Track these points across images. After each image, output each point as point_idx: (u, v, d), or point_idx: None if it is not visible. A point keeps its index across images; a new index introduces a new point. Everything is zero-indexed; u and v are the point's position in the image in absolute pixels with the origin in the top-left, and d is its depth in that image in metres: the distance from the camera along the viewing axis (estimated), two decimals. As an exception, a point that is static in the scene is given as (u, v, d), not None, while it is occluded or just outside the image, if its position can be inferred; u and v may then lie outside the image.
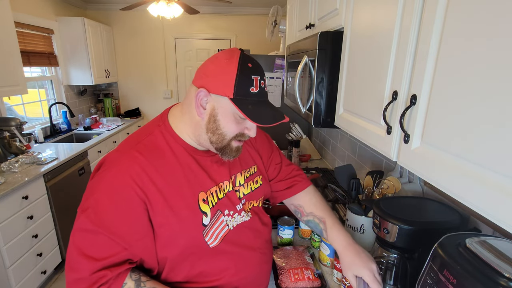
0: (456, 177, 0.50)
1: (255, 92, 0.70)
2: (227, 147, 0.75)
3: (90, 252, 0.65)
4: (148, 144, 0.73)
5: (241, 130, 0.74)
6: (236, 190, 0.84)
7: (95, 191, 0.68)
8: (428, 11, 0.57)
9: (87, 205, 0.67)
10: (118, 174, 0.68)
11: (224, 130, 0.72)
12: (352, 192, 1.16)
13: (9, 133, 2.26)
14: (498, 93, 0.42)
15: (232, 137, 0.74)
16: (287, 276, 0.95)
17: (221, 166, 0.81)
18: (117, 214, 0.67)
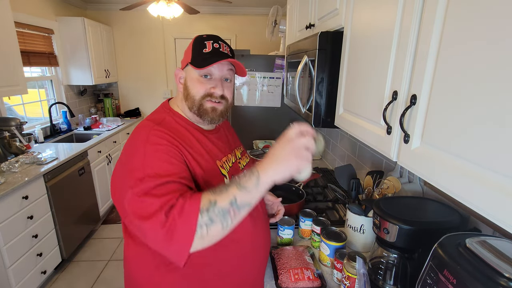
0: (456, 177, 0.50)
1: (207, 51, 0.82)
2: (201, 108, 0.85)
3: (154, 191, 0.67)
4: (166, 124, 0.83)
5: (207, 90, 0.84)
6: (238, 162, 0.98)
7: (141, 164, 0.71)
8: (428, 11, 0.57)
9: (141, 175, 0.70)
10: (154, 141, 0.75)
11: (192, 92, 0.84)
12: (352, 192, 1.16)
13: (9, 133, 2.25)
14: (498, 93, 0.42)
15: (201, 96, 0.84)
16: (287, 276, 0.95)
17: (223, 142, 0.95)
18: (170, 163, 0.73)
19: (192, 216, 0.63)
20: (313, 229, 1.17)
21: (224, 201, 0.64)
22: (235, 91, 2.49)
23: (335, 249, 1.01)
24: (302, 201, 1.36)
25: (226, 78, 0.87)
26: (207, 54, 0.82)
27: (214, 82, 0.84)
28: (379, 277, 0.88)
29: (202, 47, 0.83)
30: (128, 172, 0.74)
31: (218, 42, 0.84)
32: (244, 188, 0.65)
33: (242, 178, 0.66)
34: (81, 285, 2.24)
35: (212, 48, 0.82)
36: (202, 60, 0.81)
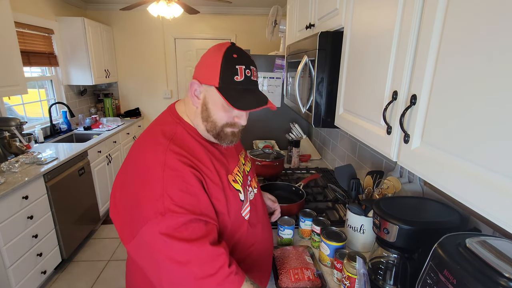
0: (456, 177, 0.50)
1: (239, 80, 0.74)
2: (220, 133, 0.79)
3: (196, 235, 0.66)
4: (178, 139, 0.77)
5: (230, 119, 0.78)
6: (244, 169, 0.95)
7: (163, 191, 0.67)
8: (428, 11, 0.57)
9: (162, 207, 0.65)
10: (175, 166, 0.70)
11: (214, 118, 0.77)
12: (352, 192, 1.16)
13: (9, 133, 2.25)
14: (498, 93, 0.42)
15: (223, 124, 0.78)
16: (287, 276, 0.95)
17: (230, 151, 0.90)
18: (195, 197, 0.69)
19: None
20: (313, 229, 1.17)
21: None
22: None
23: (335, 249, 1.01)
24: (302, 201, 1.36)
25: None
26: (239, 84, 0.73)
27: (239, 112, 0.78)
28: (379, 277, 0.88)
29: (233, 72, 0.73)
30: (143, 199, 0.68)
31: (250, 68, 0.75)
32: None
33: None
34: (81, 285, 2.24)
35: (244, 77, 0.74)
36: (235, 93, 0.73)
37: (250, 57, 0.79)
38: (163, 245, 0.65)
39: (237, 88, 0.74)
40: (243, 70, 0.74)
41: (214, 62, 0.74)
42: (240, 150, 1.02)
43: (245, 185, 0.89)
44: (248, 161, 1.02)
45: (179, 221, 0.65)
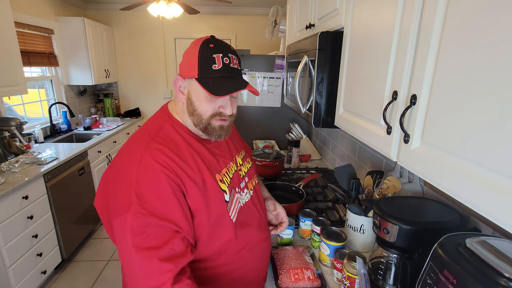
0: (456, 177, 0.50)
1: (217, 68, 0.74)
2: (208, 126, 0.79)
3: (149, 243, 0.67)
4: (163, 136, 0.78)
5: (215, 109, 0.78)
6: (239, 170, 0.93)
7: (131, 188, 0.69)
8: (428, 11, 0.57)
9: (129, 202, 0.68)
10: (149, 166, 0.71)
11: (199, 110, 0.78)
12: (352, 192, 1.16)
13: (9, 133, 2.25)
14: (498, 93, 0.42)
15: (209, 116, 0.78)
16: (287, 276, 0.95)
17: (223, 150, 0.90)
18: (161, 200, 0.70)
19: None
20: (313, 229, 1.17)
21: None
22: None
23: (335, 249, 1.01)
24: (302, 201, 1.36)
25: (234, 96, 0.81)
26: (217, 72, 0.74)
27: (223, 101, 0.78)
28: (379, 277, 0.88)
29: (211, 62, 0.74)
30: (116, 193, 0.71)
31: (228, 56, 0.76)
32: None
33: None
34: (81, 285, 2.24)
35: (222, 65, 0.74)
36: (213, 81, 0.73)
37: (230, 46, 0.79)
38: (121, 244, 0.69)
39: (215, 76, 0.74)
40: (221, 58, 0.75)
41: (192, 55, 0.76)
42: (240, 150, 1.00)
43: (235, 186, 0.86)
44: (247, 162, 1.00)
45: (140, 223, 0.67)
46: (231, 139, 1.00)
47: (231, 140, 0.98)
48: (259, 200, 0.98)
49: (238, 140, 1.06)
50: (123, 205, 0.69)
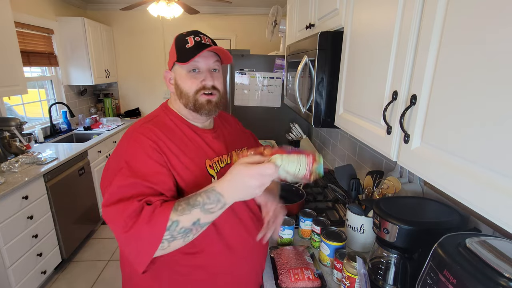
0: (456, 177, 0.50)
1: (190, 46, 0.83)
2: (196, 103, 0.85)
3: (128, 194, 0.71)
4: (157, 121, 0.86)
5: (198, 84, 0.85)
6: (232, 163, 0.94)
7: (122, 156, 0.77)
8: (428, 11, 0.57)
9: (119, 168, 0.75)
10: (137, 138, 0.79)
11: (185, 90, 0.85)
12: (352, 192, 1.16)
13: (9, 133, 2.25)
14: (498, 93, 0.42)
15: (194, 92, 0.85)
16: (287, 276, 0.95)
17: (220, 142, 0.93)
18: (146, 166, 0.75)
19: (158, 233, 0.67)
20: (313, 229, 1.17)
21: (187, 222, 0.68)
22: (235, 91, 2.48)
23: (335, 249, 1.01)
24: (302, 201, 1.36)
25: (214, 69, 0.87)
26: (191, 48, 0.82)
27: (203, 75, 0.85)
28: (379, 277, 0.88)
29: (184, 43, 0.83)
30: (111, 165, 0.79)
31: (199, 36, 0.85)
32: (209, 211, 0.69)
33: (206, 201, 0.69)
34: (81, 285, 2.24)
35: (194, 42, 0.83)
36: (187, 55, 0.82)
37: (201, 32, 0.87)
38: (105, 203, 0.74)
39: (189, 51, 0.82)
40: (192, 38, 0.84)
41: (172, 47, 0.87)
42: (238, 147, 1.00)
43: None
44: None
45: (126, 181, 0.72)
46: (232, 136, 1.01)
47: (231, 136, 1.01)
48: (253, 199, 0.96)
49: (242, 138, 1.07)
50: (115, 170, 0.76)
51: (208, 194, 0.70)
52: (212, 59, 0.86)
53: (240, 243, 0.88)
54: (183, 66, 0.84)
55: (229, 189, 0.69)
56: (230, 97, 2.51)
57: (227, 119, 1.08)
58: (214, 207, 0.69)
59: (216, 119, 1.00)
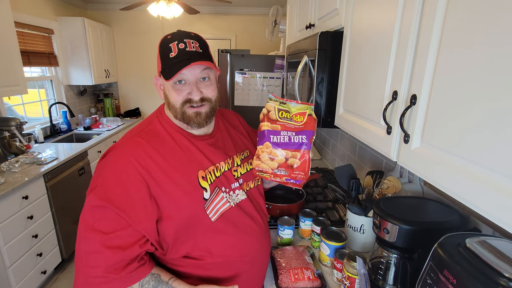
0: (456, 177, 0.50)
1: (174, 56, 0.76)
2: (184, 115, 0.81)
3: (99, 226, 0.71)
4: (149, 131, 0.83)
5: (185, 97, 0.80)
6: (234, 170, 0.91)
7: (102, 172, 0.75)
8: (428, 11, 0.57)
9: (95, 184, 0.74)
10: (122, 156, 0.76)
11: (172, 101, 0.80)
12: (352, 192, 1.16)
13: (9, 133, 2.25)
14: (498, 93, 0.42)
15: (180, 104, 0.80)
16: (287, 276, 0.95)
17: (217, 148, 0.89)
18: (123, 190, 0.73)
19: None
20: (313, 229, 1.17)
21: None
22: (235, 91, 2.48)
23: (335, 249, 1.01)
24: (302, 201, 1.36)
25: (202, 78, 0.80)
26: (174, 59, 0.76)
27: (189, 87, 0.79)
28: (379, 277, 0.88)
29: (168, 51, 0.77)
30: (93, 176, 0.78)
31: (183, 41, 0.77)
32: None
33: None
34: (81, 285, 2.24)
35: (178, 51, 0.76)
36: (170, 67, 0.76)
37: (190, 33, 0.81)
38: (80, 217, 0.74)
39: (172, 63, 0.76)
40: (176, 45, 0.77)
41: (158, 52, 0.81)
42: (242, 150, 0.97)
43: (222, 185, 0.84)
44: (248, 164, 0.96)
45: (97, 204, 0.71)
46: (233, 138, 0.97)
47: (232, 138, 0.96)
48: (255, 204, 0.94)
49: (244, 140, 1.02)
50: (92, 185, 0.75)
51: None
52: (199, 68, 0.78)
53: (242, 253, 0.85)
54: (166, 81, 0.78)
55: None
56: (230, 97, 2.51)
57: (228, 117, 1.03)
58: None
59: (217, 119, 0.95)
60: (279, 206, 1.27)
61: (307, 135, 0.75)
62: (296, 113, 0.77)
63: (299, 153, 0.75)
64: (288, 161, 0.76)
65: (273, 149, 0.78)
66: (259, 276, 0.94)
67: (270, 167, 0.78)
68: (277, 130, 0.78)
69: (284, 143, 0.77)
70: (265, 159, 0.78)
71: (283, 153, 0.76)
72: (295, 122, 0.77)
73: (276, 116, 0.79)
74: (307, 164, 0.75)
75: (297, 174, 0.76)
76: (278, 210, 1.28)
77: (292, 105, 0.79)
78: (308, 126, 0.76)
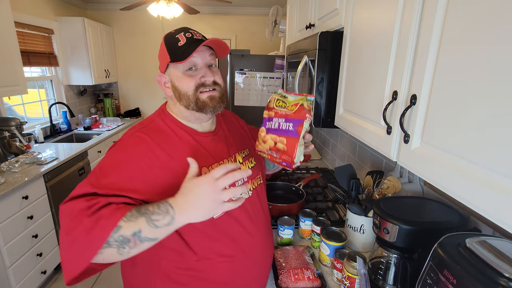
0: (456, 177, 0.50)
1: (182, 44, 0.78)
2: (198, 102, 0.80)
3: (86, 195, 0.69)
4: (152, 127, 0.82)
5: (197, 81, 0.80)
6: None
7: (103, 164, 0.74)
8: (428, 12, 0.57)
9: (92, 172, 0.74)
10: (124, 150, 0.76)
11: (184, 90, 0.80)
12: (352, 192, 1.16)
13: (9, 133, 2.25)
14: (498, 93, 0.42)
15: (193, 90, 0.80)
16: (287, 276, 0.95)
17: (220, 145, 0.89)
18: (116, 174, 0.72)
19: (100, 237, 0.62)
20: (313, 229, 1.17)
21: (128, 230, 0.62)
22: (235, 91, 2.49)
23: (335, 249, 1.01)
24: (302, 201, 1.36)
25: (210, 64, 0.83)
26: (184, 46, 0.78)
27: (202, 71, 0.80)
28: (379, 277, 0.88)
29: (176, 41, 0.79)
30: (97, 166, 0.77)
31: (190, 31, 0.81)
32: (154, 225, 0.63)
33: (155, 211, 0.63)
34: (81, 285, 2.24)
35: (186, 39, 0.79)
36: (182, 53, 0.77)
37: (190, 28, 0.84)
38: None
39: (183, 49, 0.78)
40: (183, 35, 0.79)
41: (162, 48, 0.82)
42: (243, 148, 0.96)
43: None
44: (249, 162, 0.96)
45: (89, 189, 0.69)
46: (234, 136, 0.97)
47: (233, 137, 0.96)
48: (259, 202, 0.93)
49: (244, 138, 1.02)
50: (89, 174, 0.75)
51: (159, 204, 0.64)
52: (207, 52, 0.82)
53: (243, 252, 0.84)
54: (179, 66, 0.79)
55: (182, 202, 0.64)
56: (230, 97, 2.51)
57: (227, 116, 1.03)
58: (160, 220, 0.62)
59: (218, 118, 0.95)
60: (279, 206, 1.27)
61: (294, 123, 0.79)
62: (292, 103, 0.81)
63: (285, 139, 0.79)
64: (277, 145, 0.80)
65: (266, 134, 0.82)
66: (261, 278, 0.93)
67: (265, 149, 0.83)
68: (271, 116, 0.82)
69: (274, 129, 0.81)
70: (260, 141, 0.83)
71: (273, 137, 0.81)
72: (287, 110, 0.81)
73: (273, 104, 0.84)
74: (294, 150, 0.78)
75: (286, 157, 0.80)
76: (278, 210, 1.28)
77: (292, 97, 0.83)
78: (297, 115, 0.79)
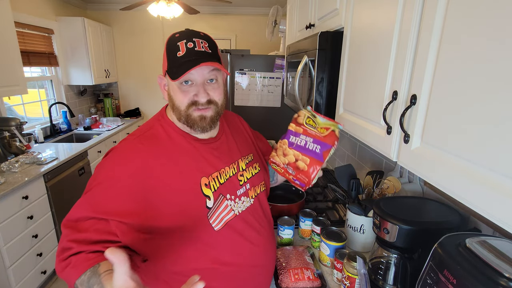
0: (456, 177, 0.50)
1: (181, 55, 0.73)
2: (188, 118, 0.77)
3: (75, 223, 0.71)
4: (149, 136, 0.79)
5: (190, 98, 0.76)
6: (240, 175, 0.88)
7: (97, 176, 0.73)
8: (428, 11, 0.57)
9: (89, 187, 0.73)
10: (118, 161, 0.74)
11: (177, 103, 0.77)
12: (352, 192, 1.16)
13: (9, 133, 2.25)
14: (498, 93, 0.42)
15: (185, 106, 0.76)
16: (287, 276, 0.95)
17: (221, 153, 0.85)
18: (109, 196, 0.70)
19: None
20: (313, 229, 1.17)
21: None
22: (235, 91, 2.48)
23: (335, 249, 1.01)
24: (302, 201, 1.36)
25: (210, 79, 0.77)
26: (182, 58, 0.72)
27: (196, 89, 0.75)
28: (379, 277, 0.88)
29: (176, 50, 0.73)
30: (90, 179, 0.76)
31: (192, 40, 0.74)
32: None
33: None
34: (81, 285, 2.24)
35: (186, 50, 0.73)
36: (177, 67, 0.72)
37: (199, 32, 0.77)
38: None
39: (180, 62, 0.73)
40: (184, 44, 0.73)
41: (164, 50, 0.77)
42: (247, 153, 0.94)
43: (226, 192, 0.81)
44: (253, 168, 0.93)
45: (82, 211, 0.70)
46: (238, 140, 0.94)
47: (236, 141, 0.93)
48: (261, 209, 0.92)
49: (248, 143, 0.99)
50: (87, 187, 0.73)
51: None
52: (207, 69, 0.75)
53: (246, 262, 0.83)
54: (172, 81, 0.74)
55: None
56: (230, 97, 2.51)
57: (231, 120, 1.00)
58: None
59: (221, 121, 0.92)
60: (279, 206, 1.27)
61: (322, 147, 0.78)
62: (322, 126, 0.81)
63: (309, 159, 0.77)
64: (297, 163, 0.78)
65: (288, 147, 0.81)
66: (265, 282, 0.91)
67: (282, 162, 0.81)
68: (299, 132, 0.81)
69: (299, 145, 0.80)
70: (279, 153, 0.82)
71: (296, 154, 0.80)
72: (317, 131, 0.80)
73: (303, 121, 0.83)
74: (314, 172, 0.77)
75: (302, 177, 0.78)
76: (278, 210, 1.28)
77: (321, 119, 0.83)
78: (327, 140, 0.78)
